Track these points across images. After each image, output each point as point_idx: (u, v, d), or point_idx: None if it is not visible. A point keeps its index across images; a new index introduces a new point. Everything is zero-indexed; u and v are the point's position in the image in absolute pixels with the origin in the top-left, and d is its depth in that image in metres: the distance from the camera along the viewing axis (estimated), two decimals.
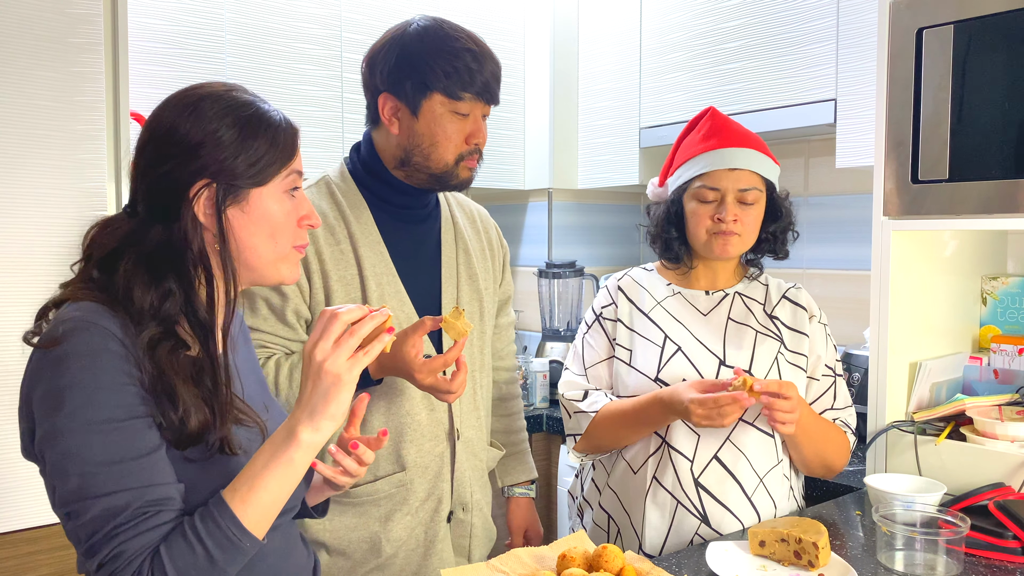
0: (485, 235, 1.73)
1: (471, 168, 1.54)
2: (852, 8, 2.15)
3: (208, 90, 1.05)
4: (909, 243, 1.81)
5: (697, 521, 1.54)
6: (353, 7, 2.56)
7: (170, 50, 2.23)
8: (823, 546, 1.29)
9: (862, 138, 2.09)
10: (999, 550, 1.40)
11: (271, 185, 1.06)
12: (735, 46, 2.43)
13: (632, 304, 1.67)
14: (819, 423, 1.57)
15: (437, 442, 1.55)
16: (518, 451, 1.83)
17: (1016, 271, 2.11)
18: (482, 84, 1.49)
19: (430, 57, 1.46)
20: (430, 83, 1.46)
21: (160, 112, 1.04)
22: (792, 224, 1.66)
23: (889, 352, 1.80)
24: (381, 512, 1.52)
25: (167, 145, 1.01)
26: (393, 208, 1.57)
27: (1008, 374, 1.88)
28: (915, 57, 1.70)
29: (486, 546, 1.69)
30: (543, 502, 2.68)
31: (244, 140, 1.02)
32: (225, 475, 1.00)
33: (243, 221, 1.04)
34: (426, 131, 1.49)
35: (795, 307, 1.65)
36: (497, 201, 3.30)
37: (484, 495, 1.66)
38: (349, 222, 1.52)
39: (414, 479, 1.53)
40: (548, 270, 2.91)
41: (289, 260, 1.10)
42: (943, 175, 1.67)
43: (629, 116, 2.77)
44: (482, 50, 1.51)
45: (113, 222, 1.05)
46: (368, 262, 1.51)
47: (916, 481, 1.62)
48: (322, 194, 1.55)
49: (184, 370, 0.99)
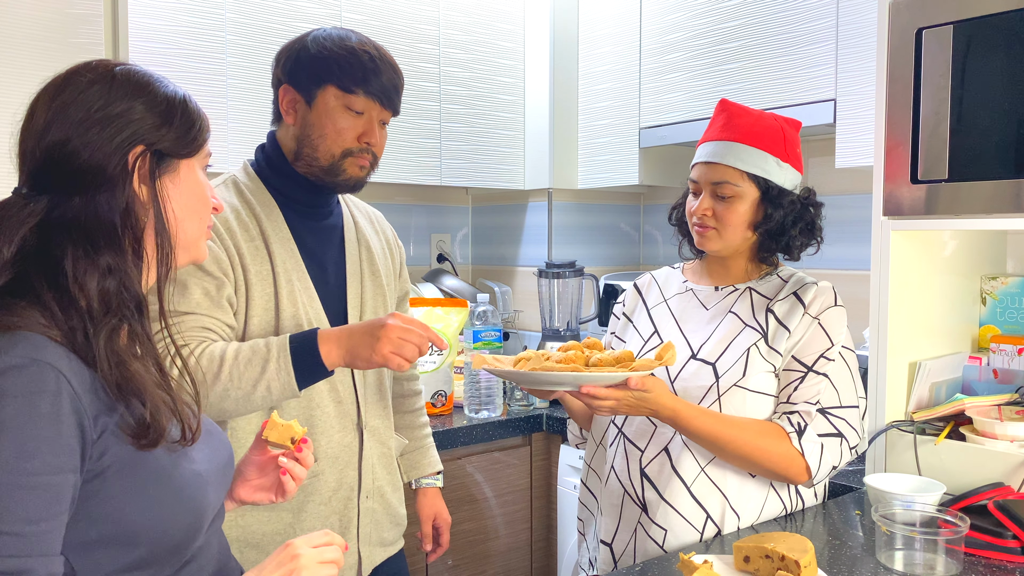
0: (383, 236, 1.77)
1: (362, 167, 1.56)
2: (852, 8, 2.15)
3: (118, 64, 1.02)
4: (909, 243, 1.81)
5: (639, 510, 1.55)
6: (353, 7, 2.56)
7: (170, 50, 2.23)
8: (806, 564, 1.24)
9: (862, 138, 2.10)
10: (999, 550, 1.40)
11: (196, 158, 1.04)
12: (735, 46, 2.44)
13: (640, 299, 1.72)
14: (723, 427, 1.46)
15: (346, 432, 1.58)
16: (422, 445, 1.88)
17: (1015, 271, 2.11)
18: (378, 87, 1.51)
19: (330, 53, 1.51)
20: (325, 76, 1.51)
21: (70, 78, 0.99)
22: (805, 225, 1.59)
23: (888, 352, 1.81)
24: (293, 504, 1.54)
25: (84, 114, 0.96)
26: (300, 207, 1.60)
27: (1007, 374, 1.88)
28: (915, 57, 1.70)
29: (394, 531, 1.72)
30: (543, 502, 2.68)
31: (170, 110, 1.01)
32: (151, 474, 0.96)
33: (175, 193, 1.02)
34: (317, 122, 1.52)
35: (796, 301, 1.55)
36: (497, 201, 3.30)
37: (389, 482, 1.69)
38: (260, 219, 1.54)
39: (325, 469, 1.55)
40: (548, 270, 2.91)
41: (204, 238, 1.08)
42: (943, 175, 1.67)
43: (629, 116, 2.77)
44: (383, 57, 1.54)
45: (5, 209, 0.95)
46: (279, 258, 1.53)
47: (915, 481, 1.62)
48: (231, 192, 1.57)
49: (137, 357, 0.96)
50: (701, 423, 1.45)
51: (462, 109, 2.87)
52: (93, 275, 0.94)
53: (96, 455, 0.92)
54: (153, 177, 0.99)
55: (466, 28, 2.85)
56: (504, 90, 3.00)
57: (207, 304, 1.45)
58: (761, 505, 1.55)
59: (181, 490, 0.99)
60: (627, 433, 1.59)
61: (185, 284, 1.43)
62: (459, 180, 2.87)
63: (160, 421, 0.95)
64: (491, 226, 3.35)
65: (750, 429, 1.47)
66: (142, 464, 0.96)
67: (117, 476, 0.93)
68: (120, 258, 0.96)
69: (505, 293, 3.23)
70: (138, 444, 0.94)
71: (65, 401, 0.88)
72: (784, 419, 1.49)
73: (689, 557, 1.24)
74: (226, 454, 1.12)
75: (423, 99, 2.77)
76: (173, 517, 0.97)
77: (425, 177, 2.79)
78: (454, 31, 2.81)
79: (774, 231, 1.58)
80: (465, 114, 2.88)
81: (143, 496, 0.95)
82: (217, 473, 1.07)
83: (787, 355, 1.53)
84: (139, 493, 0.95)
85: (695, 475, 1.52)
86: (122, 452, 0.94)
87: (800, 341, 1.53)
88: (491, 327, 2.80)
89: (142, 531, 0.95)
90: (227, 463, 1.12)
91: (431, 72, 2.78)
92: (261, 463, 1.21)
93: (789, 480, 1.50)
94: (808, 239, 1.61)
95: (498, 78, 2.97)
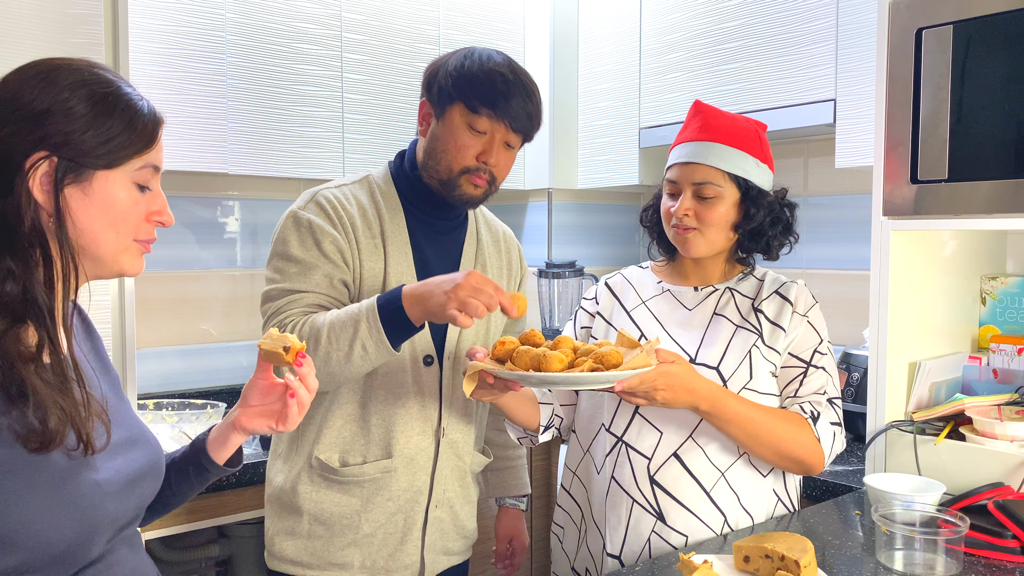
0: (507, 255, 1.79)
1: (477, 185, 1.57)
2: (851, 8, 2.15)
3: (66, 62, 0.99)
4: (908, 243, 1.81)
5: (652, 519, 1.52)
6: (353, 7, 2.56)
7: (170, 50, 2.23)
8: (806, 564, 1.24)
9: (861, 138, 2.10)
10: (998, 550, 1.40)
11: (120, 170, 0.99)
12: (735, 46, 2.44)
13: (616, 301, 1.68)
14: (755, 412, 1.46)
15: (424, 436, 1.61)
16: (513, 466, 1.90)
17: (1015, 271, 2.11)
18: (505, 109, 1.52)
19: (466, 71, 1.54)
20: (456, 93, 1.53)
21: (8, 76, 0.97)
22: (783, 226, 1.60)
23: (888, 352, 1.81)
24: (364, 492, 1.58)
25: (8, 110, 0.94)
26: (425, 216, 1.64)
27: (1007, 374, 1.88)
28: (914, 57, 1.70)
29: (460, 543, 1.72)
30: (543, 502, 2.68)
31: (97, 116, 0.96)
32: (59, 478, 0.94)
33: (83, 203, 0.97)
34: (442, 136, 1.56)
35: (783, 301, 1.57)
36: (497, 201, 3.29)
37: (461, 496, 1.70)
38: (383, 219, 1.60)
39: (398, 467, 1.59)
40: (548, 270, 2.91)
41: (131, 252, 1.04)
42: (942, 175, 1.67)
43: (629, 116, 2.77)
44: (518, 81, 1.55)
45: None
46: (393, 259, 1.58)
47: (915, 481, 1.62)
48: (363, 189, 1.63)
49: (32, 363, 0.93)
50: (738, 405, 1.44)
51: None
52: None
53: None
54: (57, 185, 0.95)
55: (466, 28, 2.85)
56: None
57: (326, 285, 1.53)
58: (765, 505, 1.56)
59: (71, 498, 0.95)
60: (628, 440, 1.55)
61: (311, 266, 1.52)
62: None
63: (50, 427, 0.91)
64: None
65: (777, 415, 1.49)
66: (31, 468, 0.93)
67: (1, 477, 0.91)
68: (23, 263, 0.94)
69: None
70: (27, 447, 0.92)
71: None
72: (797, 408, 1.52)
73: (689, 557, 1.24)
74: (146, 463, 1.09)
75: None
76: (56, 524, 0.93)
77: None
78: (454, 31, 2.81)
79: (754, 231, 1.57)
80: None
81: (24, 500, 0.92)
82: (124, 483, 1.04)
83: (784, 353, 1.55)
84: (20, 497, 0.92)
85: (715, 479, 1.51)
86: (10, 454, 0.92)
87: (795, 339, 1.56)
88: None
89: (19, 537, 0.91)
90: (144, 474, 1.08)
91: None
92: (264, 388, 1.18)
93: (806, 468, 1.51)
94: (785, 238, 1.62)
95: None
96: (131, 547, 1.08)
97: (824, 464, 1.51)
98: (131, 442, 1.08)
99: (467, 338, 1.64)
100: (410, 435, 1.59)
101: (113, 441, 1.02)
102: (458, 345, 1.64)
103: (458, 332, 1.63)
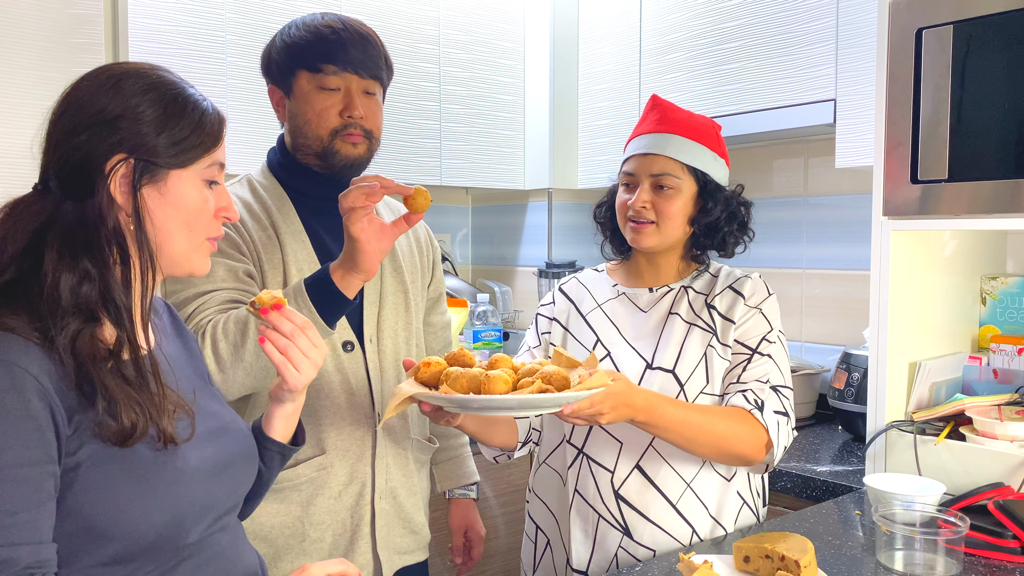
0: (412, 233, 1.72)
1: (355, 144, 1.52)
2: (851, 8, 2.15)
3: (133, 67, 1.02)
4: (909, 243, 1.81)
5: (619, 534, 1.50)
6: (352, 7, 2.56)
7: (170, 50, 2.23)
8: (806, 565, 1.24)
9: (862, 138, 2.10)
10: (999, 550, 1.40)
11: (191, 169, 1.02)
12: (735, 46, 2.44)
13: (572, 305, 1.65)
14: (692, 414, 1.41)
15: (357, 426, 1.55)
16: (457, 455, 1.83)
17: (1015, 271, 2.11)
18: (347, 57, 1.48)
19: (294, 39, 1.51)
20: (294, 62, 1.50)
21: (80, 83, 1.00)
22: (739, 223, 1.57)
23: (888, 352, 1.81)
24: (302, 496, 1.51)
25: (85, 116, 0.98)
26: (313, 202, 1.58)
27: (1007, 374, 1.88)
28: (914, 57, 1.70)
29: (409, 539, 1.65)
30: None
31: (168, 118, 1.00)
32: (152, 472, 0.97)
33: (159, 203, 1.01)
34: (299, 110, 1.51)
35: (735, 295, 1.54)
36: (497, 201, 3.30)
37: (406, 487, 1.63)
38: (271, 211, 1.54)
39: (334, 462, 1.52)
40: (548, 270, 2.91)
41: (202, 251, 1.07)
42: (943, 175, 1.67)
43: (629, 116, 2.77)
44: (349, 27, 1.51)
45: (20, 204, 0.99)
46: (290, 248, 1.52)
47: (915, 481, 1.62)
48: (245, 189, 1.58)
49: (107, 361, 0.95)
50: (675, 411, 1.40)
51: (462, 109, 2.87)
52: (69, 278, 0.95)
53: (71, 449, 0.93)
54: (135, 186, 0.98)
55: (466, 28, 2.85)
56: (504, 90, 3.00)
57: (231, 278, 1.46)
58: (731, 510, 1.53)
59: (158, 488, 0.98)
60: (589, 453, 1.52)
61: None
62: (459, 180, 2.87)
63: (124, 423, 0.94)
64: (491, 226, 3.35)
65: (715, 412, 1.45)
66: (118, 461, 0.96)
67: (90, 471, 0.94)
68: (101, 264, 0.97)
69: (505, 293, 3.23)
70: (111, 441, 0.95)
71: (33, 397, 0.90)
72: (739, 397, 1.47)
73: (689, 557, 1.24)
74: (237, 451, 1.12)
75: (423, 99, 2.77)
76: (145, 515, 0.96)
77: (425, 177, 2.79)
78: (454, 31, 2.81)
79: (710, 226, 1.55)
80: (465, 114, 2.88)
81: (115, 492, 0.95)
82: (213, 470, 1.06)
83: (732, 342, 1.52)
84: (109, 490, 0.95)
85: (681, 491, 1.49)
86: (97, 448, 0.94)
87: (743, 327, 1.52)
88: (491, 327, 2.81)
89: (112, 527, 0.95)
90: (234, 460, 1.11)
91: (431, 72, 2.78)
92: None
93: (749, 461, 1.46)
94: (741, 236, 1.59)
95: (498, 78, 2.98)
96: (232, 535, 1.10)
97: (773, 454, 1.46)
98: (221, 431, 1.10)
99: (387, 319, 1.59)
100: (341, 426, 1.53)
101: (201, 431, 1.05)
102: (378, 326, 1.58)
103: (376, 314, 1.58)
